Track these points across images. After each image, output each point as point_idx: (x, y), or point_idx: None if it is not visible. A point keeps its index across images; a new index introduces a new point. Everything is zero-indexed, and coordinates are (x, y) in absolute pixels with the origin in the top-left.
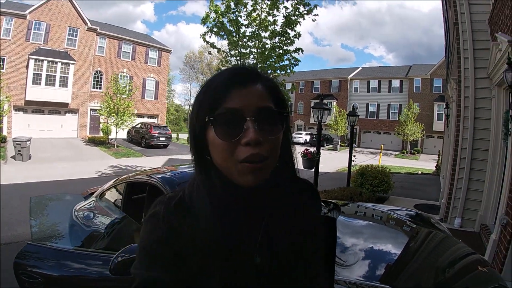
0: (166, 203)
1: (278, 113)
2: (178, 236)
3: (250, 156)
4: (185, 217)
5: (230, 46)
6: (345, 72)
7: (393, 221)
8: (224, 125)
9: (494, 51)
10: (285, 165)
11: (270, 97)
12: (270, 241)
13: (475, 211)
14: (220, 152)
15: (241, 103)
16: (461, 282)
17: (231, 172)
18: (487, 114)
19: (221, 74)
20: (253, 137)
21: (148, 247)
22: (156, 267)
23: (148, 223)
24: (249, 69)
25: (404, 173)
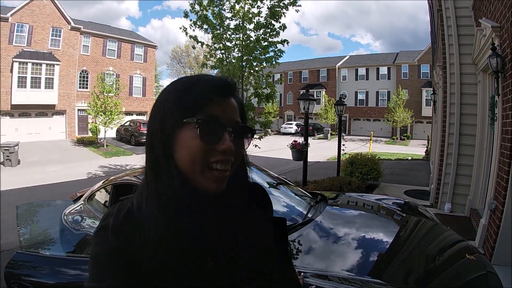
0: (115, 216)
1: (248, 130)
2: (128, 246)
3: (221, 159)
4: (135, 227)
5: (214, 40)
6: (333, 61)
7: (381, 211)
8: (206, 130)
9: (478, 36)
10: (239, 171)
11: (239, 112)
12: (223, 245)
13: (464, 196)
14: (193, 155)
15: (220, 113)
16: (450, 270)
17: (196, 176)
18: (473, 100)
19: (204, 80)
20: (230, 146)
21: (98, 259)
22: (108, 278)
23: (98, 236)
24: (230, 81)
25: (394, 160)
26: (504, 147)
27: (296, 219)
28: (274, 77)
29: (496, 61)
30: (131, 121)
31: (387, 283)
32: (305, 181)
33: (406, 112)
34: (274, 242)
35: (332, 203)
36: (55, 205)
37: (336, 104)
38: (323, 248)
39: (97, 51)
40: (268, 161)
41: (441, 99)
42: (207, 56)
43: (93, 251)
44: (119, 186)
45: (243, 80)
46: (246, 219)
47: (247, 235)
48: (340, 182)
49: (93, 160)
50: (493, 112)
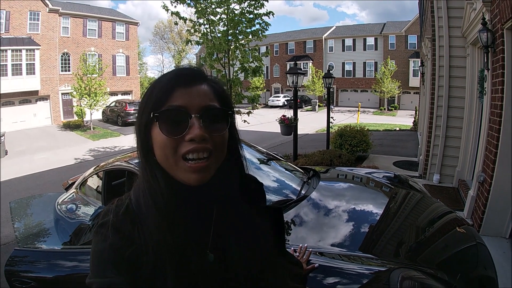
0: (114, 213)
1: (222, 111)
2: (129, 242)
3: (193, 149)
4: (134, 223)
5: (198, 14)
6: (319, 32)
7: (372, 185)
8: (168, 122)
9: (468, 10)
10: (232, 162)
11: (215, 97)
12: (221, 238)
13: (452, 167)
14: (163, 149)
15: (185, 102)
16: (440, 241)
17: (174, 170)
18: (462, 73)
19: (166, 74)
20: (198, 133)
21: (100, 255)
22: (110, 273)
23: (99, 233)
24: (194, 69)
25: (382, 131)
26: (493, 121)
27: (290, 196)
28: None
29: (486, 35)
30: (116, 102)
31: (378, 257)
32: (295, 156)
33: (393, 83)
34: (270, 231)
35: (324, 178)
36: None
37: (324, 76)
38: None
39: (78, 32)
40: (257, 135)
41: (430, 71)
42: (191, 31)
43: (95, 249)
44: (111, 172)
45: (229, 55)
46: (240, 210)
47: (242, 227)
48: (330, 155)
49: (82, 144)
50: (482, 85)
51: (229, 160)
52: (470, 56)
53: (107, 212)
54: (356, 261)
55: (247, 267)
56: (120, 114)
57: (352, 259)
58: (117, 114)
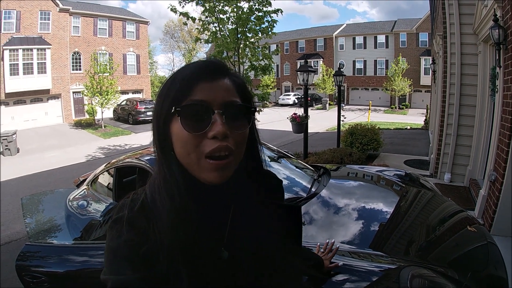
0: (129, 208)
1: (245, 108)
2: (144, 238)
3: (216, 148)
4: (150, 219)
5: (207, 13)
6: (329, 29)
7: (383, 183)
8: (190, 117)
9: (479, 7)
10: (251, 161)
11: (236, 93)
12: (237, 235)
13: (464, 166)
14: (184, 146)
15: (208, 96)
16: (450, 240)
17: (194, 168)
18: (474, 70)
19: (188, 66)
20: (220, 130)
21: (115, 251)
22: (125, 270)
23: (113, 229)
24: (217, 63)
25: (393, 129)
26: (504, 119)
27: (300, 193)
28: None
29: (498, 32)
30: (127, 100)
31: (388, 255)
32: (306, 154)
33: (404, 81)
34: (286, 230)
35: (335, 176)
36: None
37: (335, 74)
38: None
39: (88, 31)
40: (268, 133)
41: (441, 69)
42: (200, 30)
43: (109, 245)
44: (122, 168)
45: (239, 53)
46: (257, 207)
47: (259, 225)
48: (341, 153)
49: (93, 142)
50: (493, 83)
51: (248, 157)
52: (481, 54)
53: (122, 206)
54: (366, 259)
55: (261, 266)
56: (131, 112)
57: (362, 256)
58: (128, 112)
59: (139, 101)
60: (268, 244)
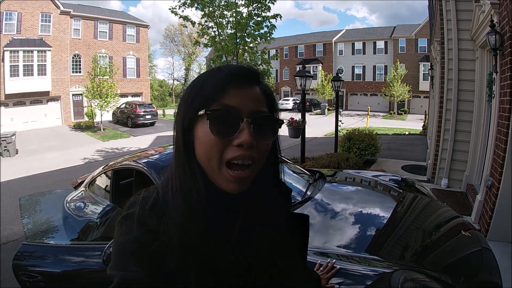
0: (141, 205)
1: (273, 119)
2: (154, 237)
3: (240, 156)
4: (160, 218)
5: (206, 18)
6: (329, 35)
7: (379, 188)
8: (219, 122)
9: (477, 12)
10: (269, 171)
11: (265, 102)
12: (245, 239)
13: (461, 172)
14: (208, 150)
15: (239, 102)
16: (445, 246)
17: (214, 174)
18: (471, 76)
19: (221, 69)
20: (247, 140)
21: (124, 247)
22: (133, 267)
23: (123, 225)
24: (251, 70)
25: (391, 134)
26: (501, 124)
27: (295, 197)
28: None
29: (494, 38)
30: (126, 103)
31: (384, 259)
32: (303, 159)
33: (403, 87)
34: (294, 237)
35: (330, 181)
36: (56, 194)
37: (333, 80)
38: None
39: (89, 34)
40: None
41: (439, 74)
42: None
43: (118, 241)
44: (119, 171)
45: (237, 57)
46: (267, 214)
47: (267, 230)
48: (338, 158)
49: (91, 145)
50: (490, 89)
51: (267, 167)
52: (479, 59)
53: (133, 203)
54: (361, 263)
55: (267, 272)
56: (130, 115)
57: (357, 260)
58: (127, 115)
59: (138, 104)
60: (275, 250)
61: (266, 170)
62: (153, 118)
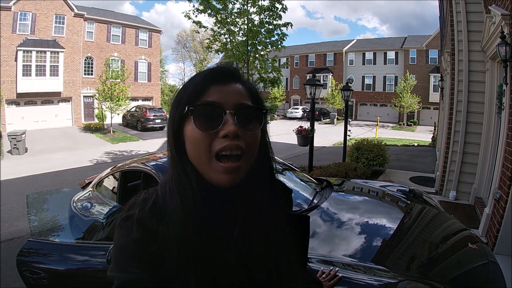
0: (140, 207)
1: (256, 110)
2: (154, 238)
3: (227, 146)
4: (160, 219)
5: (219, 25)
6: (339, 44)
7: (386, 198)
8: (203, 117)
9: (487, 24)
10: (262, 165)
11: (249, 98)
12: (244, 239)
13: (469, 184)
14: (196, 146)
15: (221, 97)
16: (452, 258)
17: (205, 169)
18: (481, 87)
19: (202, 71)
20: (232, 129)
21: (124, 249)
22: (133, 268)
23: (123, 226)
24: (231, 68)
25: (400, 146)
26: (510, 136)
27: (302, 205)
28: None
29: (505, 49)
30: (137, 107)
31: (390, 269)
32: (311, 167)
33: (413, 98)
34: (294, 240)
35: (337, 190)
36: (63, 193)
37: (342, 89)
38: (328, 234)
39: (102, 37)
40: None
41: (449, 86)
42: (212, 40)
43: (118, 242)
44: (127, 173)
45: (248, 65)
46: (266, 214)
47: (267, 232)
48: (345, 168)
49: (100, 146)
50: (500, 101)
51: (259, 163)
52: (489, 71)
53: (133, 205)
54: (367, 272)
55: (267, 273)
56: (140, 119)
57: (363, 270)
58: (137, 119)
59: (149, 108)
60: (275, 251)
61: (258, 166)
62: (162, 123)
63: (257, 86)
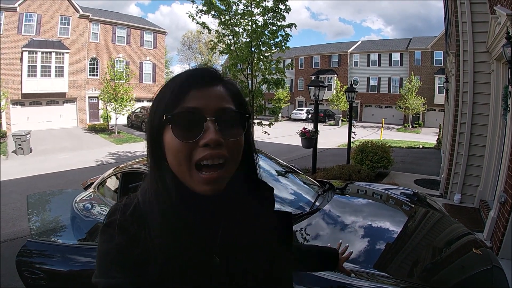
0: (122, 212)
1: (239, 114)
2: (135, 243)
3: (207, 155)
4: (141, 224)
5: (223, 26)
6: (344, 46)
7: (389, 202)
8: (182, 125)
9: (493, 24)
10: (246, 169)
11: (231, 100)
12: (229, 242)
13: (474, 187)
14: (176, 155)
15: (200, 103)
16: (456, 263)
17: (186, 179)
18: (487, 89)
19: (180, 75)
20: (213, 138)
21: (106, 255)
22: (116, 274)
23: (105, 232)
24: (210, 70)
25: (405, 148)
26: None
27: (304, 207)
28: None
29: (510, 50)
30: (141, 108)
31: (392, 276)
32: (314, 169)
33: (418, 99)
34: (278, 238)
35: (340, 192)
36: (65, 194)
37: (347, 90)
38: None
39: (107, 38)
40: (278, 147)
41: (454, 87)
42: (216, 42)
43: (100, 248)
44: (128, 173)
45: (252, 66)
46: (249, 215)
47: (250, 233)
48: (349, 170)
49: (105, 147)
50: (506, 102)
51: (243, 166)
52: (494, 72)
53: (115, 211)
54: (369, 279)
55: (253, 273)
56: (145, 120)
57: (365, 276)
58: (141, 120)
59: None
60: (260, 251)
61: (242, 170)
62: None
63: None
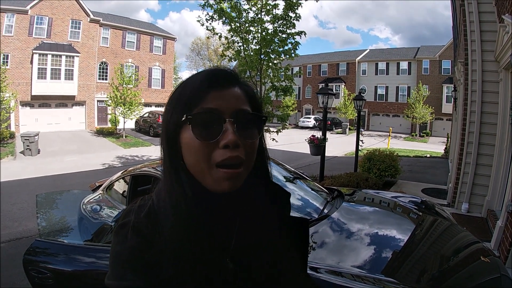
0: (136, 214)
1: (256, 117)
2: (149, 245)
3: (228, 159)
4: (155, 226)
5: (233, 32)
6: (352, 54)
7: (397, 209)
8: (202, 125)
9: (501, 33)
10: (259, 171)
11: (247, 102)
12: (243, 247)
13: (482, 196)
14: (195, 154)
15: (220, 104)
16: (463, 271)
17: (205, 177)
18: (495, 98)
19: (199, 74)
20: (232, 139)
21: (120, 257)
22: (130, 276)
23: (119, 234)
24: (228, 71)
25: (412, 157)
26: None
27: (312, 214)
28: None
29: None
30: (150, 113)
31: (400, 282)
32: (322, 176)
33: (426, 109)
34: (293, 244)
35: (348, 199)
36: (73, 194)
37: (355, 99)
38: (338, 244)
39: (117, 43)
40: (286, 154)
41: (462, 96)
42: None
43: (114, 250)
44: (138, 177)
45: (261, 73)
46: (264, 220)
47: (265, 237)
48: (357, 178)
49: (112, 151)
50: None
51: (256, 168)
52: (503, 81)
53: (129, 212)
54: (376, 284)
55: (266, 278)
56: (153, 125)
57: (372, 281)
58: (149, 124)
59: (161, 114)
60: (274, 257)
61: (255, 172)
62: None
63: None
